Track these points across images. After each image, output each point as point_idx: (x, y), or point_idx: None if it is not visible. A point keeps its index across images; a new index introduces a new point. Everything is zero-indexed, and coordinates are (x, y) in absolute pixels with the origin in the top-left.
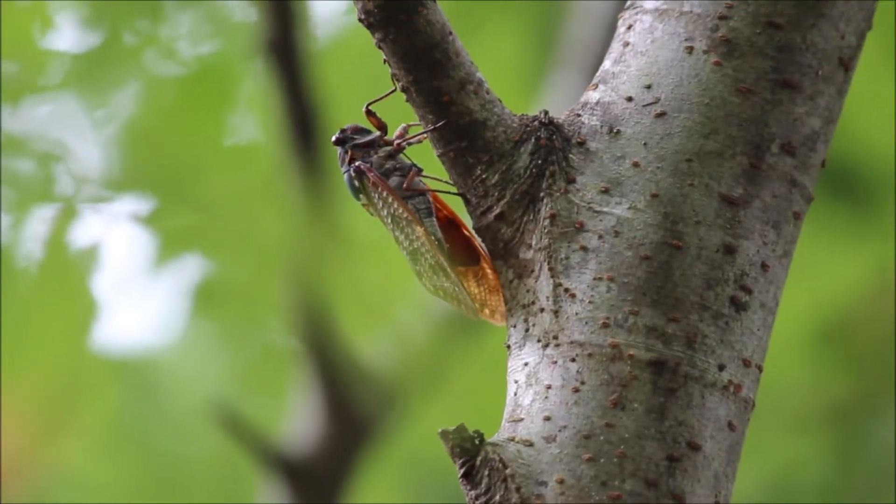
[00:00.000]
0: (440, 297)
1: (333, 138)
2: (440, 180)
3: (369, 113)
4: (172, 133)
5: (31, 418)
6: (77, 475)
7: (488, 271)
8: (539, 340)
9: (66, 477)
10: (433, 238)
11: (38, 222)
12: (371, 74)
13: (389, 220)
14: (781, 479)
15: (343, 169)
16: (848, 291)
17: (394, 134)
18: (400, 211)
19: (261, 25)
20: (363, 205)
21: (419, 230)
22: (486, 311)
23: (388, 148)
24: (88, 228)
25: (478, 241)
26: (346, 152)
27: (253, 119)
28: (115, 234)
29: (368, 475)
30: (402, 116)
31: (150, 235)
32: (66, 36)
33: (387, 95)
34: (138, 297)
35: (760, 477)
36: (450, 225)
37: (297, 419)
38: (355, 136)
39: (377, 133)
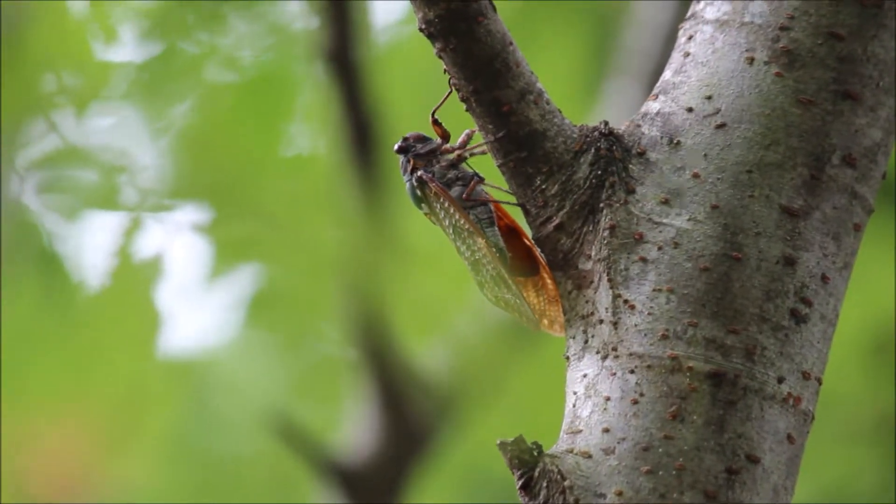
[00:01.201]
0: (501, 307)
1: (396, 147)
2: (501, 189)
3: (435, 122)
4: (231, 142)
5: (100, 431)
6: (137, 483)
7: (548, 281)
8: (598, 352)
9: (128, 485)
10: (494, 249)
11: (104, 233)
12: (430, 83)
13: (451, 231)
14: (836, 490)
15: (405, 178)
16: None
17: (458, 140)
18: (462, 222)
19: (320, 34)
20: (425, 214)
21: (480, 241)
22: (546, 321)
23: (450, 157)
24: (151, 238)
25: (537, 250)
26: (409, 161)
27: (310, 128)
28: (176, 243)
29: (423, 483)
30: (464, 123)
31: (208, 245)
32: (127, 47)
33: (445, 99)
34: (197, 305)
35: (815, 488)
36: (510, 234)
37: (353, 427)
38: (417, 145)
39: (439, 141)
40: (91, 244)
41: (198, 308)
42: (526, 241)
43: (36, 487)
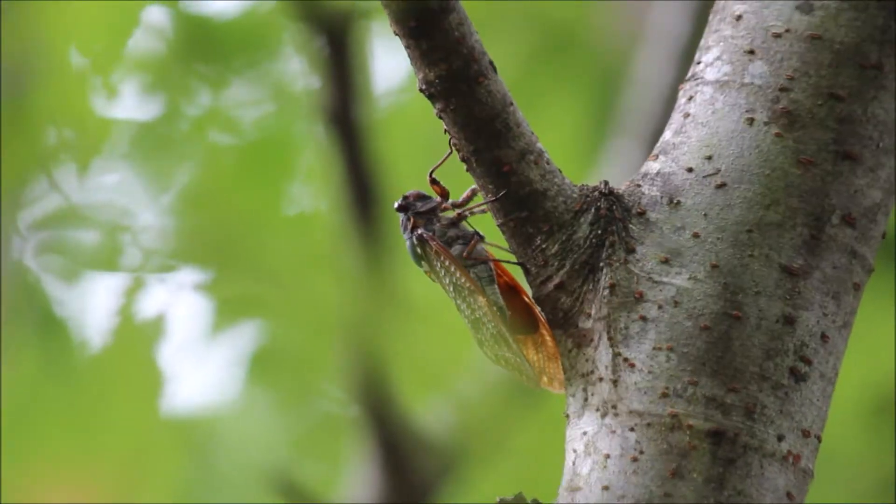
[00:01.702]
0: (501, 365)
1: (396, 205)
2: (501, 248)
3: (433, 181)
4: (233, 201)
5: (104, 491)
6: None
7: (547, 338)
8: (598, 409)
9: None
10: (495, 307)
11: (106, 293)
12: (431, 145)
13: (451, 289)
14: None
15: (405, 236)
16: None
17: (461, 197)
18: (462, 280)
19: (321, 95)
20: (425, 272)
21: (481, 300)
22: (545, 378)
23: (451, 216)
24: (154, 298)
25: (537, 308)
26: (409, 219)
27: (311, 187)
28: (178, 302)
29: None
30: (463, 184)
31: (209, 303)
32: (129, 103)
33: (445, 159)
34: (199, 364)
35: None
36: (510, 292)
37: (354, 485)
38: (417, 203)
39: (438, 199)
40: (93, 305)
41: (200, 366)
42: (525, 298)
43: None
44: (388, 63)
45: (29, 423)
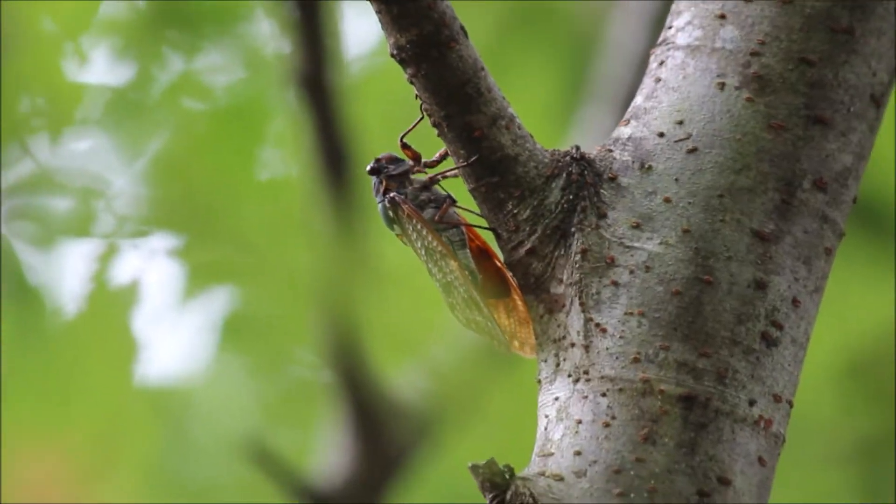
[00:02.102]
0: (472, 329)
1: (368, 168)
2: (473, 213)
3: (404, 146)
4: (204, 167)
5: (79, 459)
6: None
7: (519, 303)
8: (570, 375)
9: None
10: (466, 271)
11: (79, 259)
12: (404, 106)
13: (423, 252)
14: None
15: (377, 199)
16: (877, 326)
17: (432, 157)
18: (434, 244)
19: (292, 59)
20: (397, 235)
21: (453, 264)
22: (517, 343)
23: (423, 179)
24: (127, 264)
25: (509, 273)
26: (381, 182)
27: (284, 152)
28: (150, 268)
29: None
30: (436, 147)
31: (182, 269)
32: (100, 68)
33: (416, 124)
34: (172, 331)
35: None
36: (481, 256)
37: (327, 451)
38: (389, 167)
39: (411, 163)
40: (66, 271)
41: (173, 333)
42: (497, 262)
43: None
44: (360, 27)
45: (2, 392)
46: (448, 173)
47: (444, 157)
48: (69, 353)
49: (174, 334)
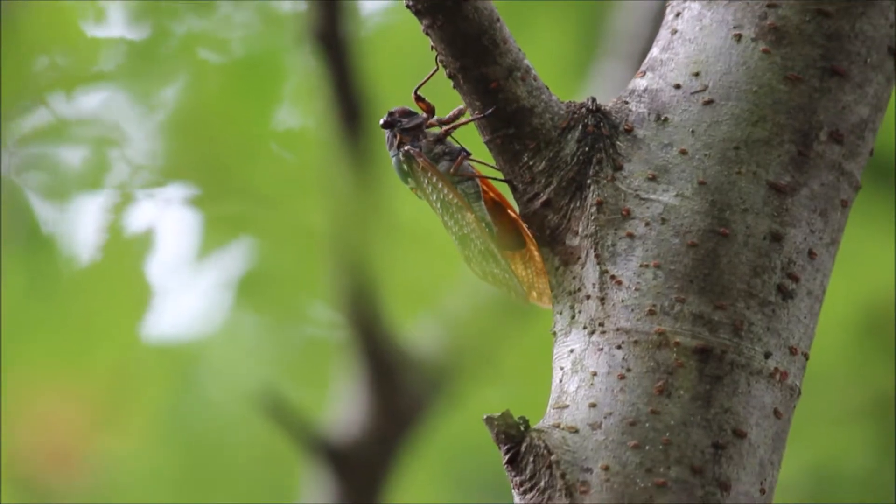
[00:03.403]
0: (489, 282)
1: (381, 121)
2: (488, 165)
3: (418, 98)
4: (220, 121)
5: (91, 405)
6: (125, 462)
7: (535, 254)
8: (585, 327)
9: (114, 463)
10: (482, 223)
11: (94, 208)
12: (418, 61)
13: (438, 205)
14: (825, 468)
15: (391, 153)
16: (892, 281)
17: (448, 115)
18: (450, 196)
19: (308, 14)
20: (411, 188)
21: (469, 216)
22: (534, 293)
23: (437, 131)
24: (142, 213)
25: (524, 225)
26: (395, 136)
27: (300, 106)
28: (166, 219)
29: (413, 461)
30: (450, 102)
31: (198, 220)
32: (116, 27)
33: (431, 76)
34: (186, 284)
35: (804, 465)
36: (497, 208)
37: (342, 406)
38: (403, 120)
39: (424, 116)
40: (81, 220)
41: (187, 287)
42: (512, 213)
43: (27, 459)
44: None
45: (17, 334)
46: (462, 123)
47: (458, 115)
48: (83, 300)
49: (189, 289)
